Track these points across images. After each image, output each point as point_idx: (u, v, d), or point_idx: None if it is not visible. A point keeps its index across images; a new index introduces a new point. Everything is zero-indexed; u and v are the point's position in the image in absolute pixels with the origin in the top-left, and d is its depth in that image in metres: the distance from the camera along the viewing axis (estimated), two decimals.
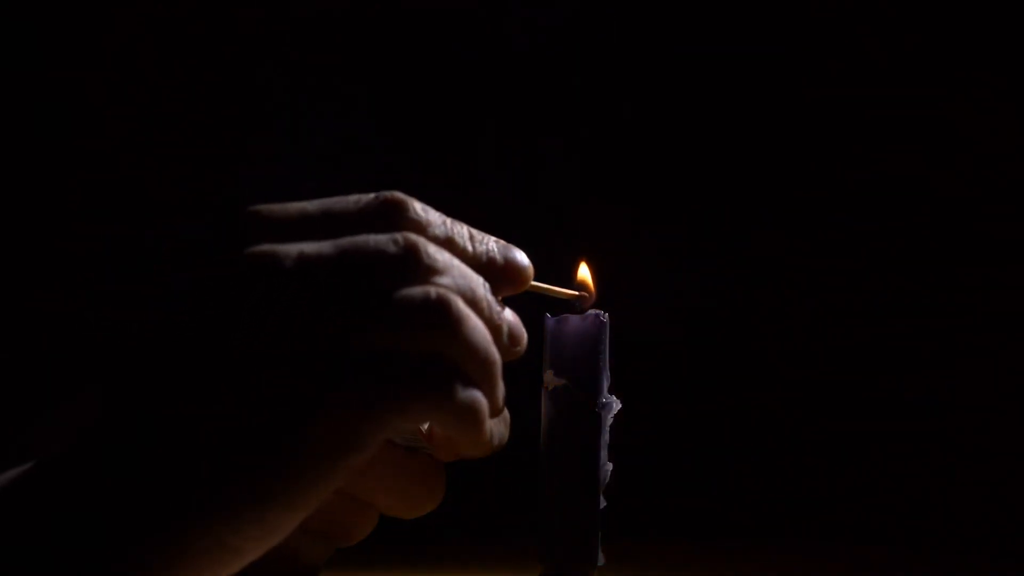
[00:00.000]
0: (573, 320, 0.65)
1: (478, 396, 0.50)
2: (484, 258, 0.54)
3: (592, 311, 0.66)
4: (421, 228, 0.52)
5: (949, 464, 1.13)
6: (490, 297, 0.53)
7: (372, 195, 0.52)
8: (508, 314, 0.54)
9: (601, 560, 0.66)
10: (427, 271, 0.50)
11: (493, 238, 0.55)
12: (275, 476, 0.47)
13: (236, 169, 1.14)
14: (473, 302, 0.51)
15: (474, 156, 1.18)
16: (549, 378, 0.65)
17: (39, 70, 1.10)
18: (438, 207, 0.54)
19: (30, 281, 1.09)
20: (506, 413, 0.60)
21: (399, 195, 0.52)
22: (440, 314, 0.49)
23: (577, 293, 0.65)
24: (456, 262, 0.51)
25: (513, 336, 0.54)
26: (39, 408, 1.03)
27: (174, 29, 1.13)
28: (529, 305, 0.65)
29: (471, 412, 0.49)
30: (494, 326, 0.52)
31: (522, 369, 0.60)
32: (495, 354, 0.51)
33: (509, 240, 0.57)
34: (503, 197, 1.17)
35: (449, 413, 0.49)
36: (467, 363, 0.50)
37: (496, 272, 0.55)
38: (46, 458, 0.49)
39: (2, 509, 0.48)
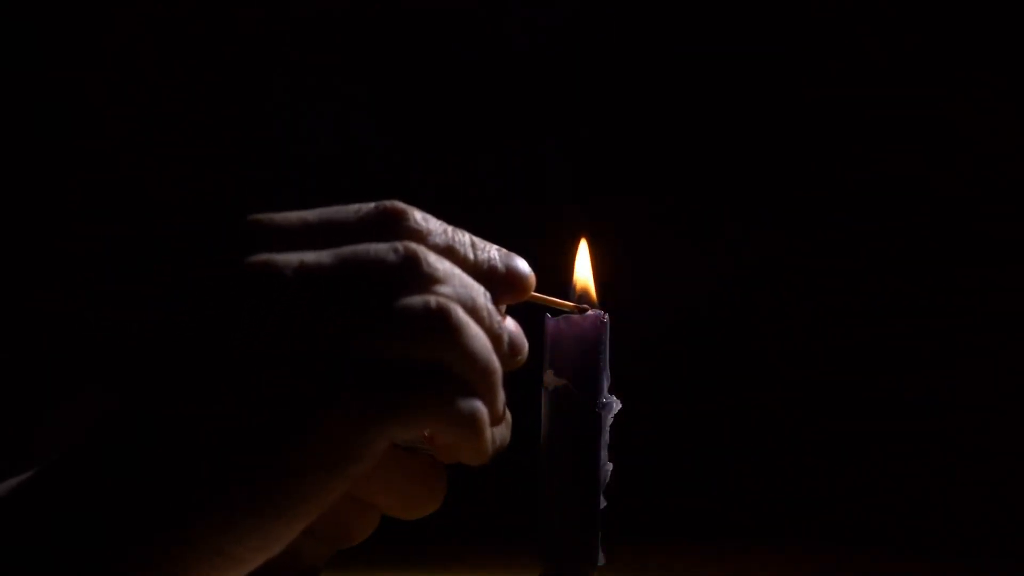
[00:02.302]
0: (573, 320, 0.65)
1: (478, 405, 0.50)
2: (485, 267, 0.54)
3: (592, 311, 0.66)
4: (422, 237, 0.51)
5: (949, 464, 1.13)
6: (491, 306, 0.52)
7: (372, 204, 0.52)
8: (509, 323, 0.54)
9: (601, 560, 0.66)
10: (427, 280, 0.50)
11: (495, 246, 0.55)
12: (274, 481, 0.47)
13: (236, 169, 1.14)
14: (473, 311, 0.51)
15: (474, 156, 1.18)
16: (549, 378, 0.65)
17: (39, 70, 1.10)
18: (437, 208, 0.54)
19: (30, 281, 1.09)
20: (507, 415, 0.60)
21: (399, 204, 0.52)
22: (440, 322, 0.49)
23: (578, 306, 0.65)
24: (457, 271, 0.51)
25: (514, 345, 0.54)
26: (39, 408, 1.04)
27: (174, 29, 1.13)
28: (530, 305, 0.65)
29: (471, 421, 0.49)
30: (495, 335, 0.52)
31: (522, 369, 0.60)
32: (495, 363, 0.51)
33: (509, 241, 0.57)
34: (502, 197, 1.17)
35: (449, 422, 0.49)
36: (467, 372, 0.50)
37: (497, 281, 0.55)
38: (48, 461, 0.49)
39: (3, 511, 0.48)
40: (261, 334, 0.48)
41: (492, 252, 0.55)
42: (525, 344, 0.56)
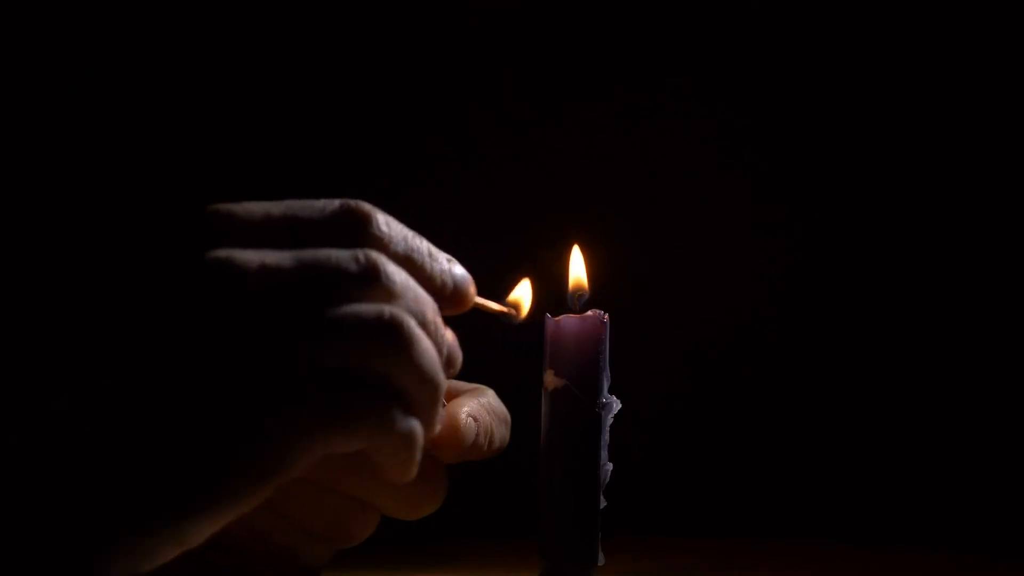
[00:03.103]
0: (573, 320, 0.66)
1: (415, 425, 0.50)
2: (438, 281, 0.55)
3: (592, 311, 0.66)
4: (383, 245, 0.51)
5: (949, 463, 1.13)
6: (438, 319, 0.53)
7: (338, 203, 0.52)
8: (448, 335, 0.54)
9: (601, 560, 0.66)
10: (384, 292, 0.50)
11: (446, 256, 0.55)
12: (200, 487, 0.47)
13: (220, 164, 1.14)
14: (423, 325, 0.51)
15: (473, 155, 1.18)
16: (549, 378, 0.65)
17: (39, 70, 1.10)
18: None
19: (27, 281, 1.09)
20: (507, 414, 0.60)
21: (364, 206, 0.52)
22: (392, 334, 0.49)
23: (506, 310, 0.66)
24: (412, 283, 0.51)
25: (451, 358, 0.54)
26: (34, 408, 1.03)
27: (172, 29, 1.13)
28: (533, 307, 0.65)
29: (407, 441, 0.49)
30: (438, 348, 0.52)
31: (522, 369, 0.60)
32: (441, 378, 0.51)
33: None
34: (499, 196, 1.17)
35: (384, 439, 0.49)
36: (412, 385, 0.49)
37: (445, 294, 0.55)
38: None
39: None
40: (215, 335, 0.47)
41: (444, 264, 0.55)
42: (460, 356, 0.55)
